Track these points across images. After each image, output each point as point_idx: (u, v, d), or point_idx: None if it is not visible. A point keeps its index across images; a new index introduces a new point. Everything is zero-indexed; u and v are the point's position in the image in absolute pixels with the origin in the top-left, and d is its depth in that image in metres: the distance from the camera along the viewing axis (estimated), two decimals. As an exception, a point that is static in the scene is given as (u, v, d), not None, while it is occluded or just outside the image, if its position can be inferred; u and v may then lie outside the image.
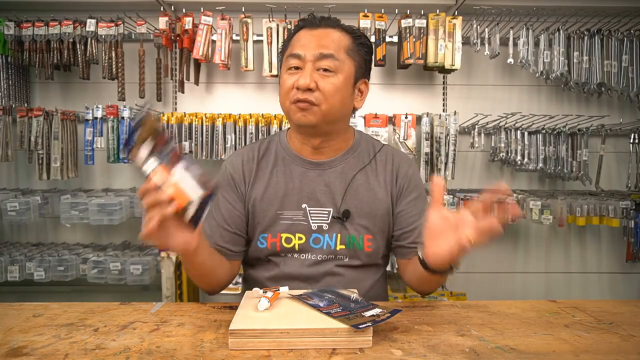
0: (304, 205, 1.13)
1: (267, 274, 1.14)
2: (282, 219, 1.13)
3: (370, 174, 1.16)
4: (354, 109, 1.16)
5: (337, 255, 1.12)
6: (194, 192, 0.82)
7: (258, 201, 1.13)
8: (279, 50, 1.18)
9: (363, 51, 1.12)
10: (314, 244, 1.12)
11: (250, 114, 2.34)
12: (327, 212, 1.13)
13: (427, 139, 2.41)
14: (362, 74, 1.13)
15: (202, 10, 2.32)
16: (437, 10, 2.31)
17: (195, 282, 1.09)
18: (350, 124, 1.21)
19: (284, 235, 1.12)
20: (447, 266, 0.92)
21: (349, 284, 1.07)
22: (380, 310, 0.83)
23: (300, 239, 1.12)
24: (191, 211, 0.82)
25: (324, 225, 1.12)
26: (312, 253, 1.12)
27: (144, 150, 0.80)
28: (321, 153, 1.15)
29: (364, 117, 2.37)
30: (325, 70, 1.05)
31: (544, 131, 2.44)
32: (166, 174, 0.80)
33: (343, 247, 1.12)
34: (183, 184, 0.81)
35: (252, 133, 2.33)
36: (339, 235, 1.12)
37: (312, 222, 1.12)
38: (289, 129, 1.22)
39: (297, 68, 1.07)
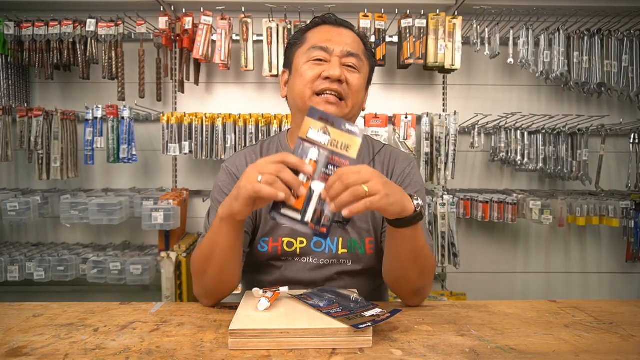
0: None
1: (268, 278, 1.13)
2: None
3: None
4: None
5: (340, 260, 1.11)
6: (311, 210, 0.82)
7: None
8: (288, 43, 1.17)
9: (372, 59, 1.16)
10: (316, 248, 1.12)
11: (250, 114, 2.34)
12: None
13: (427, 139, 2.41)
14: (369, 79, 1.16)
15: (202, 10, 2.32)
16: (437, 10, 2.31)
17: (206, 282, 0.99)
18: None
19: (285, 240, 1.11)
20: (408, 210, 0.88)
21: None
22: (380, 310, 0.83)
23: (301, 242, 1.11)
24: (290, 213, 0.82)
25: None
26: (314, 257, 1.11)
27: (320, 136, 0.83)
28: None
29: (364, 117, 2.37)
30: (349, 66, 1.06)
31: (544, 131, 2.44)
32: (312, 170, 0.81)
33: (345, 251, 1.11)
34: (312, 192, 0.82)
35: (252, 133, 2.33)
36: (340, 239, 1.11)
37: None
38: (289, 129, 1.21)
39: (320, 60, 1.06)
